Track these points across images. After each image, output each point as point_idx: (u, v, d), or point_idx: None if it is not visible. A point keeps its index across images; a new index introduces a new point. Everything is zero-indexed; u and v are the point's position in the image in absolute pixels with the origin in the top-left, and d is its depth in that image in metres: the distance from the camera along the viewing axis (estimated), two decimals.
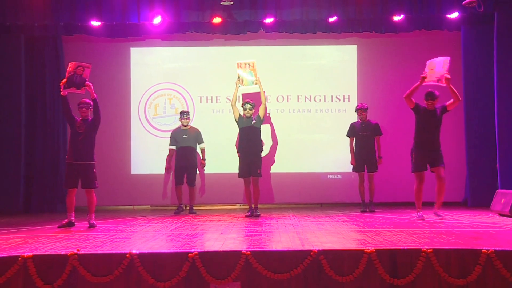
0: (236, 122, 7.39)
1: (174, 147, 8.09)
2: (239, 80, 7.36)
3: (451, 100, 6.48)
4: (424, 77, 6.51)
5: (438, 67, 6.48)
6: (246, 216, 7.21)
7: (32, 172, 8.68)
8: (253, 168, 7.23)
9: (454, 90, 6.44)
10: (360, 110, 7.82)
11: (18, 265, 4.19)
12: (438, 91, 6.60)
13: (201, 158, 8.11)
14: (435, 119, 6.53)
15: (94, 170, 6.31)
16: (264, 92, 7.44)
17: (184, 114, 8.07)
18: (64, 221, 6.24)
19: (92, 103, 6.32)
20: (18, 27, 8.35)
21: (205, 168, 8.28)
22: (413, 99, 6.56)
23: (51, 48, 8.81)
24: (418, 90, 6.54)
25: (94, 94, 6.31)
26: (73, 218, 6.28)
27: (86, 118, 6.38)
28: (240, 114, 7.34)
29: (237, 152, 7.53)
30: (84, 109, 6.35)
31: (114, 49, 9.08)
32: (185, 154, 7.98)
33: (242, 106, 7.32)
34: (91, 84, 6.31)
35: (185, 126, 8.06)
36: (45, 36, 8.67)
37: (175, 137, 8.08)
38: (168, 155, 8.18)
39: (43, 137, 8.72)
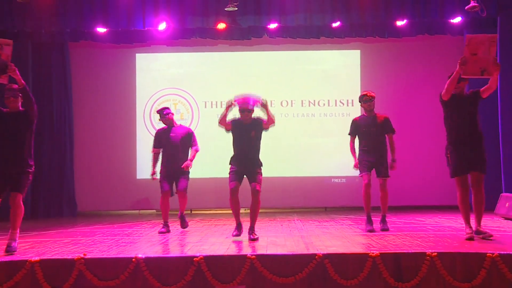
0: (229, 131, 5.57)
1: (157, 149, 6.43)
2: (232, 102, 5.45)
3: (487, 85, 5.01)
4: (464, 62, 4.78)
5: (482, 51, 4.71)
6: (234, 235, 5.44)
7: (39, 177, 8.73)
8: (251, 175, 5.43)
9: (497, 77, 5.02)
10: (365, 98, 6.13)
11: (25, 270, 4.24)
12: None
13: (188, 158, 6.32)
14: (472, 106, 5.08)
15: (30, 178, 4.84)
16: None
17: (162, 112, 6.39)
18: None
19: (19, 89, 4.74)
20: (26, 34, 8.43)
21: (189, 169, 6.31)
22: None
23: (58, 54, 8.91)
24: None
25: (22, 81, 4.73)
26: None
27: (17, 110, 4.81)
28: (233, 120, 5.53)
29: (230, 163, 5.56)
30: (11, 98, 4.77)
31: (120, 55, 9.16)
32: (171, 158, 6.26)
33: (239, 110, 5.50)
34: (15, 68, 4.67)
35: (168, 125, 6.42)
36: (52, 42, 8.76)
37: (159, 137, 6.42)
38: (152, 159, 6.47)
39: (49, 144, 8.79)
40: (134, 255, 4.29)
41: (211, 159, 8.48)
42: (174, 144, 6.29)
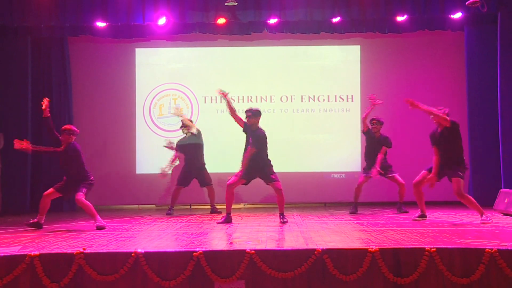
0: (243, 130, 6.54)
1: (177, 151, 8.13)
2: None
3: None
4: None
5: None
6: (218, 223, 6.43)
7: (38, 172, 8.74)
8: (266, 174, 6.48)
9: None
10: (376, 122, 7.49)
11: (25, 264, 4.24)
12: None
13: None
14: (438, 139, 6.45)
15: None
16: None
17: (184, 128, 7.93)
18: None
19: None
20: (25, 29, 8.42)
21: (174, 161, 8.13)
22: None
23: (57, 49, 8.89)
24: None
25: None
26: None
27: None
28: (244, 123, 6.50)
29: (245, 160, 6.46)
30: None
31: (119, 50, 9.14)
32: (190, 156, 7.84)
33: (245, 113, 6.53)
34: None
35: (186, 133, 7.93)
36: (51, 37, 8.74)
37: (180, 143, 8.01)
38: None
39: (49, 138, 8.76)
40: (134, 250, 4.30)
41: (210, 154, 8.44)
42: (191, 143, 7.83)
